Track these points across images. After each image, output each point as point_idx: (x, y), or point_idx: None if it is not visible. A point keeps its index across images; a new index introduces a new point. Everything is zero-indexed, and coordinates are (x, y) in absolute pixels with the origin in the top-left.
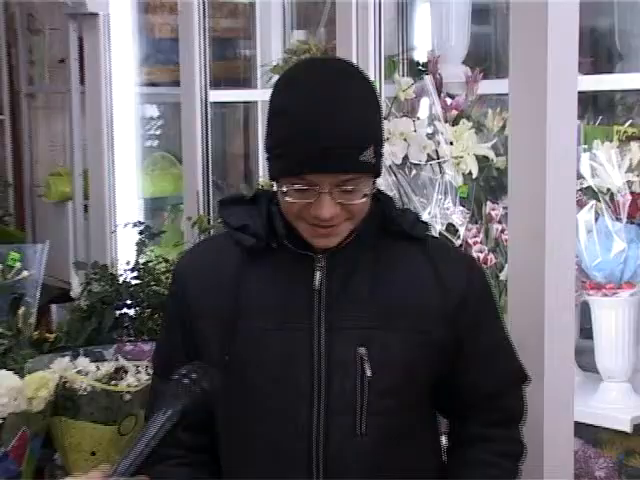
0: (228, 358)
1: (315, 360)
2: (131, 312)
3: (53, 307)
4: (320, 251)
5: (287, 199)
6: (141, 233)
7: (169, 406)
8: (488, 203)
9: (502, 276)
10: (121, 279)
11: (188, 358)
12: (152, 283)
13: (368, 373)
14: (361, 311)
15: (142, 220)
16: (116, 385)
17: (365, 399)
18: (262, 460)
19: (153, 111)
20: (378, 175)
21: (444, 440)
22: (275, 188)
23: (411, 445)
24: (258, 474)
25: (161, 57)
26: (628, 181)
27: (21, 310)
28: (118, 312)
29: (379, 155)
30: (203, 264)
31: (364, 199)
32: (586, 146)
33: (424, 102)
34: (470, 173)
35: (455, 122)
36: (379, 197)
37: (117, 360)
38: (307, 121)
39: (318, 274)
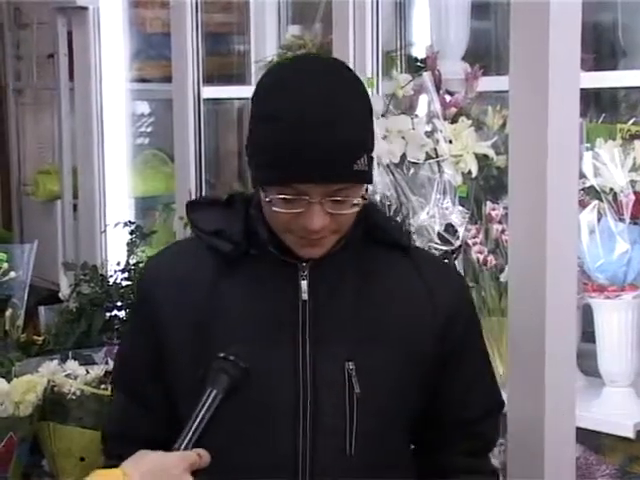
0: (202, 374)
1: (300, 376)
2: (121, 314)
3: (41, 309)
4: (304, 259)
5: (273, 209)
6: (132, 233)
7: (214, 385)
8: (488, 203)
9: (502, 277)
10: (111, 280)
11: (153, 373)
12: None
13: (357, 389)
14: (348, 323)
15: (133, 220)
16: (106, 389)
17: (355, 417)
18: None
19: (144, 108)
20: (370, 183)
21: None
22: (260, 194)
23: (398, 466)
24: None
25: (152, 52)
26: (631, 180)
27: (8, 312)
28: (108, 314)
29: (371, 162)
30: (176, 270)
31: (354, 209)
32: (588, 145)
33: (422, 99)
34: (469, 172)
35: (454, 120)
36: (364, 204)
37: (107, 363)
38: (300, 129)
39: (304, 284)
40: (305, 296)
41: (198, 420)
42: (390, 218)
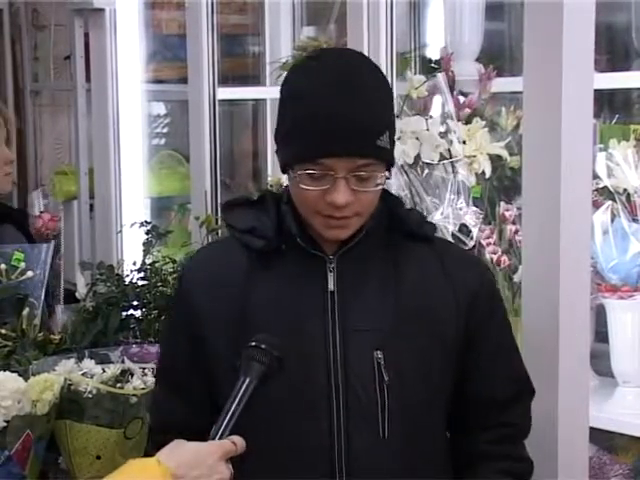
0: (238, 364)
1: (332, 365)
2: (137, 313)
3: (58, 308)
4: (331, 252)
5: (301, 187)
6: (148, 233)
7: (247, 374)
8: (502, 203)
9: (516, 278)
10: (127, 280)
11: (193, 366)
12: (159, 284)
13: (386, 378)
14: (376, 313)
15: (149, 220)
16: (122, 388)
17: (386, 404)
18: (281, 468)
19: (160, 109)
20: (392, 164)
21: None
22: (286, 182)
23: (435, 450)
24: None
25: (168, 54)
26: None
27: (25, 311)
28: (124, 313)
29: (393, 142)
30: (211, 270)
31: (377, 188)
32: (602, 145)
33: (436, 100)
34: (483, 173)
35: (468, 121)
36: (386, 197)
37: (123, 362)
38: (325, 105)
39: (331, 276)
40: (332, 287)
41: (232, 409)
42: (412, 210)
